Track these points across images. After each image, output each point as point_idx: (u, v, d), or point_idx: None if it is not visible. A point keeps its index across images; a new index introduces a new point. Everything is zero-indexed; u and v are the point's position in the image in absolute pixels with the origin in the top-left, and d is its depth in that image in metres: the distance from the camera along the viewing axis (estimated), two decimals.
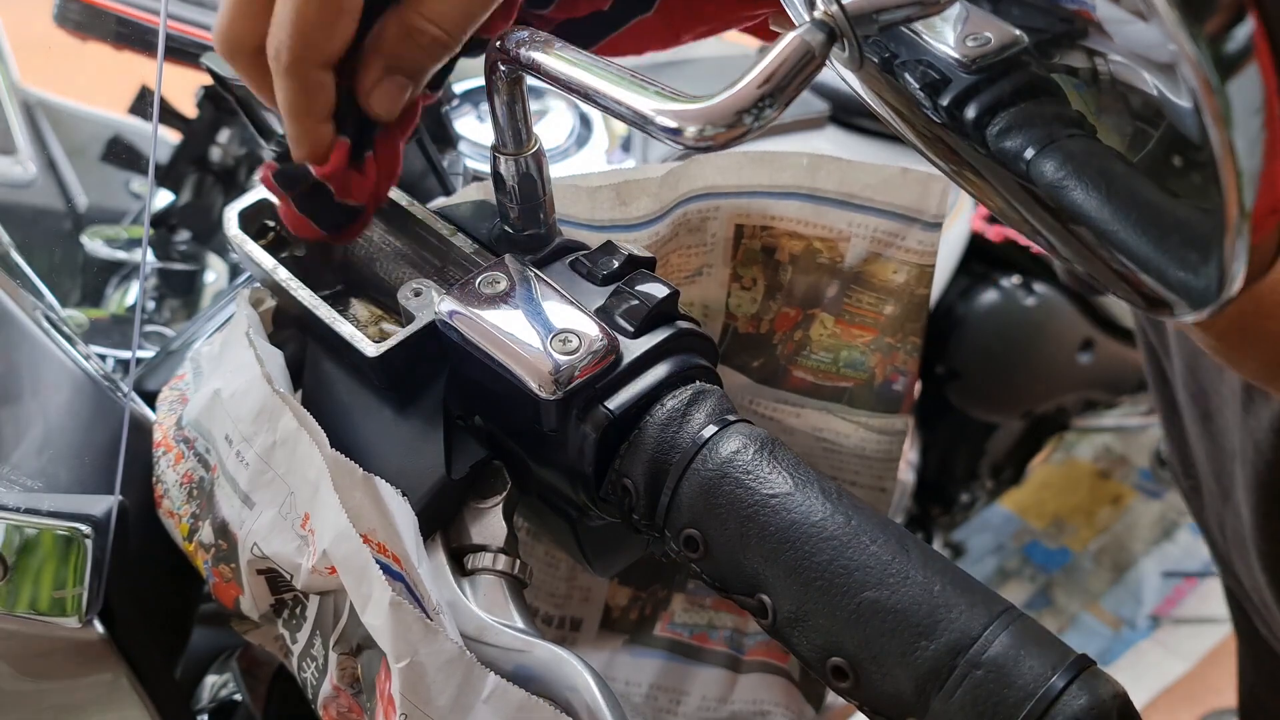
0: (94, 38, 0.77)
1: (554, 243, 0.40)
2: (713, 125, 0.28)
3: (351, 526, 0.32)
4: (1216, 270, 0.23)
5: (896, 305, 0.50)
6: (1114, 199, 0.27)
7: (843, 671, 0.30)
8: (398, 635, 0.31)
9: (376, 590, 0.31)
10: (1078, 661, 0.27)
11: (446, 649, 0.31)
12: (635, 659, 0.57)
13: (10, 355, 0.46)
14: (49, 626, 0.41)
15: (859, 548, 0.30)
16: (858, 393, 0.51)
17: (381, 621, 0.31)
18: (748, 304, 0.51)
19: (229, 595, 0.40)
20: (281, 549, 0.36)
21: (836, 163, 0.48)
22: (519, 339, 0.35)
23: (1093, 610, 1.79)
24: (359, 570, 0.32)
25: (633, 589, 0.57)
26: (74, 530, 0.40)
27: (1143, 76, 0.24)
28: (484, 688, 0.31)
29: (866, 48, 0.30)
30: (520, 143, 0.38)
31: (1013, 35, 0.27)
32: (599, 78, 0.31)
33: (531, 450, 0.37)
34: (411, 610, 0.31)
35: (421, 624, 0.31)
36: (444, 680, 0.31)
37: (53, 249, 0.84)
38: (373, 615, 0.31)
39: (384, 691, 0.32)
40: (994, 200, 0.31)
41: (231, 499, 0.39)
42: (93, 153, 0.94)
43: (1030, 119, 0.29)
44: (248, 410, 0.38)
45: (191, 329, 0.60)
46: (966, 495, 1.54)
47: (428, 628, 0.31)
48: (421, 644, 0.31)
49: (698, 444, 0.33)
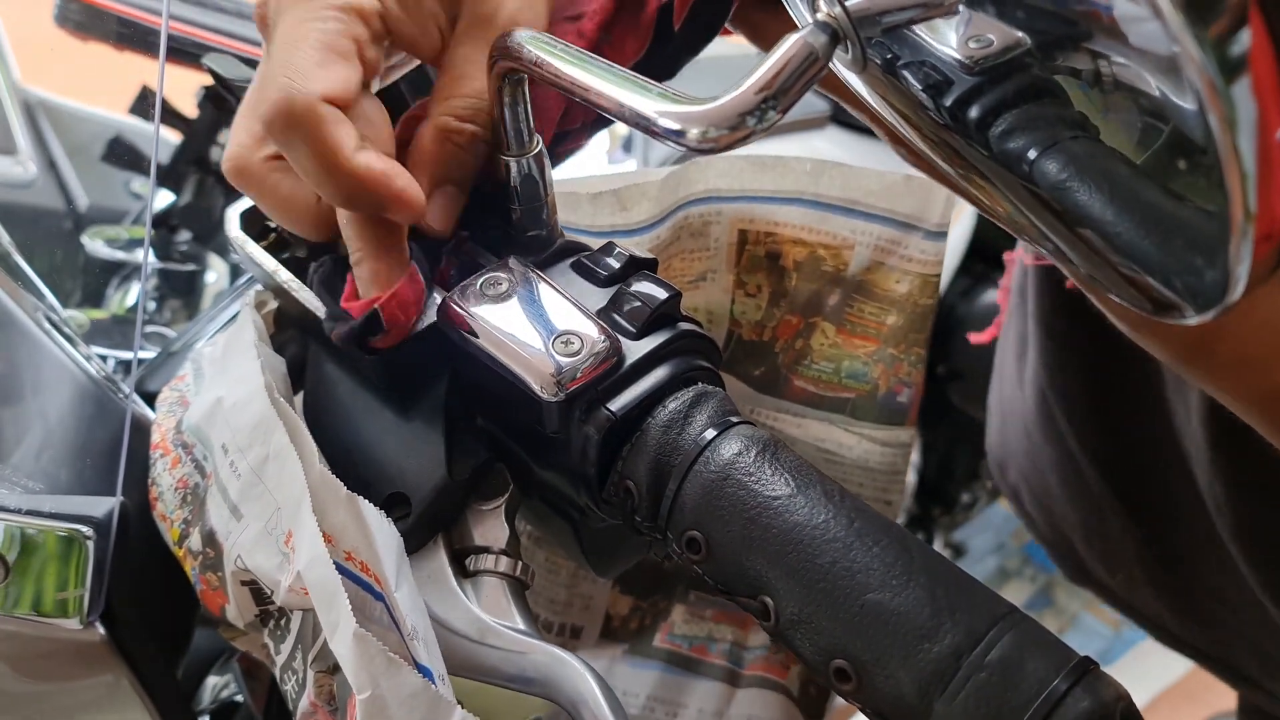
0: (95, 38, 0.77)
1: (556, 244, 0.40)
2: (715, 127, 0.28)
3: (325, 551, 0.32)
4: (1221, 273, 0.23)
5: (899, 316, 0.49)
6: (1117, 201, 0.27)
7: (845, 674, 0.30)
8: (360, 667, 0.31)
9: (343, 620, 0.31)
10: (1081, 664, 0.27)
11: (410, 682, 0.31)
12: (634, 669, 0.57)
13: (11, 356, 0.46)
14: (50, 628, 0.40)
15: (862, 550, 0.30)
16: (861, 404, 0.51)
17: (346, 651, 0.31)
18: (753, 311, 0.50)
19: (215, 603, 0.40)
20: (264, 564, 0.36)
21: (839, 168, 0.48)
22: (521, 340, 0.35)
23: (1093, 610, 1.79)
24: (329, 597, 0.32)
25: (634, 598, 0.57)
26: (75, 531, 0.40)
27: (1146, 79, 0.24)
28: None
29: (869, 49, 0.30)
30: (522, 144, 0.38)
31: (1015, 37, 0.27)
32: (601, 79, 0.31)
33: (533, 452, 0.37)
34: (375, 643, 0.30)
35: (384, 656, 0.30)
36: (406, 714, 0.31)
37: (53, 249, 0.85)
38: (338, 644, 0.31)
39: (352, 717, 0.32)
40: (997, 203, 0.31)
41: (221, 508, 0.39)
42: (93, 153, 0.95)
43: (1033, 120, 0.29)
44: (247, 421, 0.38)
45: (193, 330, 0.60)
46: (967, 495, 1.54)
47: (390, 661, 0.31)
48: (383, 677, 0.31)
49: (700, 446, 0.33)
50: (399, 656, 0.31)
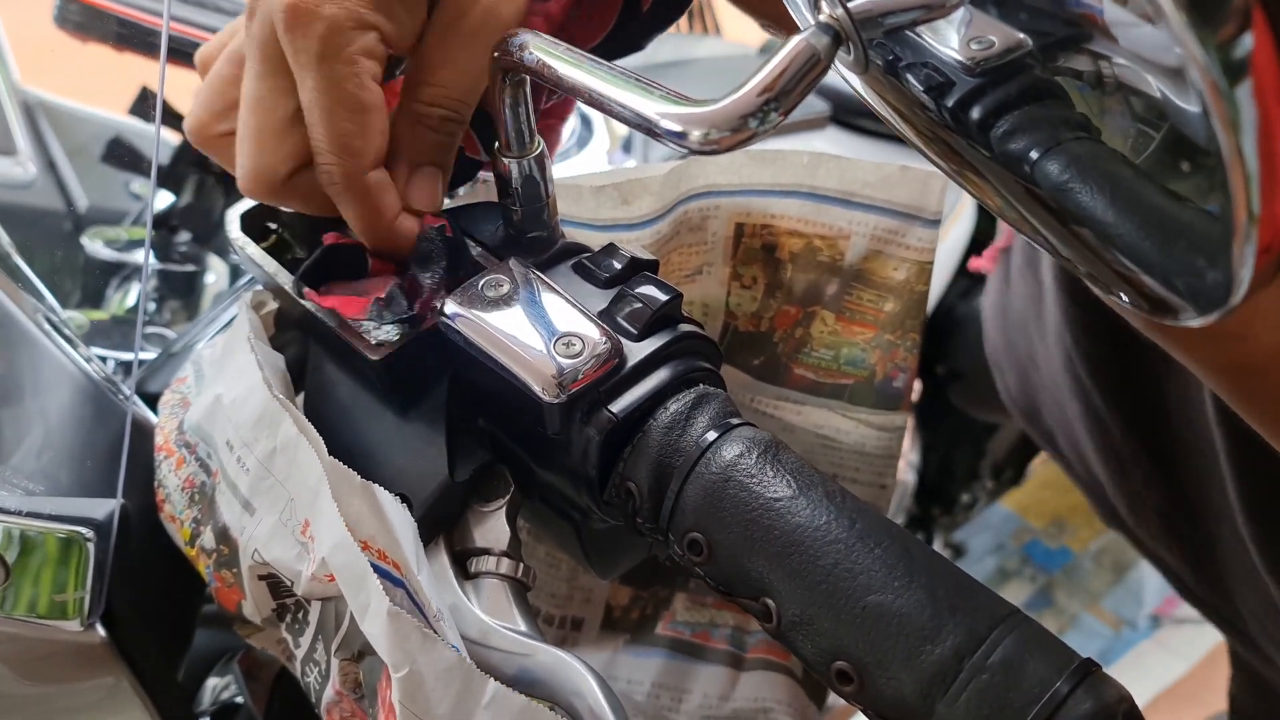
0: (94, 39, 0.77)
1: (557, 245, 0.40)
2: (717, 129, 0.28)
3: (349, 535, 0.32)
4: (1224, 275, 0.23)
5: (896, 302, 0.50)
6: (1119, 202, 0.27)
7: (847, 675, 0.30)
8: (395, 644, 0.31)
9: (374, 599, 0.31)
10: (1083, 666, 0.27)
11: (445, 657, 0.31)
12: (637, 658, 0.57)
13: (11, 357, 0.46)
14: (50, 630, 0.40)
15: (863, 551, 0.30)
16: (858, 390, 0.51)
17: (379, 630, 0.31)
18: (748, 302, 0.51)
19: (231, 600, 0.40)
20: (282, 555, 0.36)
21: (836, 161, 0.48)
22: (522, 342, 0.35)
23: (1093, 611, 1.79)
24: (357, 579, 0.32)
25: (634, 589, 0.57)
26: (75, 533, 0.40)
27: (1148, 80, 0.24)
28: (484, 694, 0.31)
29: (871, 51, 0.30)
30: (523, 145, 0.38)
31: (1017, 38, 0.27)
32: (602, 81, 0.31)
33: (535, 453, 0.37)
34: (409, 619, 0.31)
35: (419, 633, 0.31)
36: (443, 688, 0.31)
37: (53, 250, 0.84)
38: (371, 624, 0.31)
39: (385, 699, 0.32)
40: (998, 202, 0.31)
41: (232, 504, 0.39)
42: (93, 154, 0.94)
43: (1035, 122, 0.29)
44: (248, 416, 0.38)
45: (193, 331, 0.60)
46: (967, 495, 1.54)
47: (425, 636, 0.31)
48: (419, 652, 0.31)
49: (701, 448, 0.33)
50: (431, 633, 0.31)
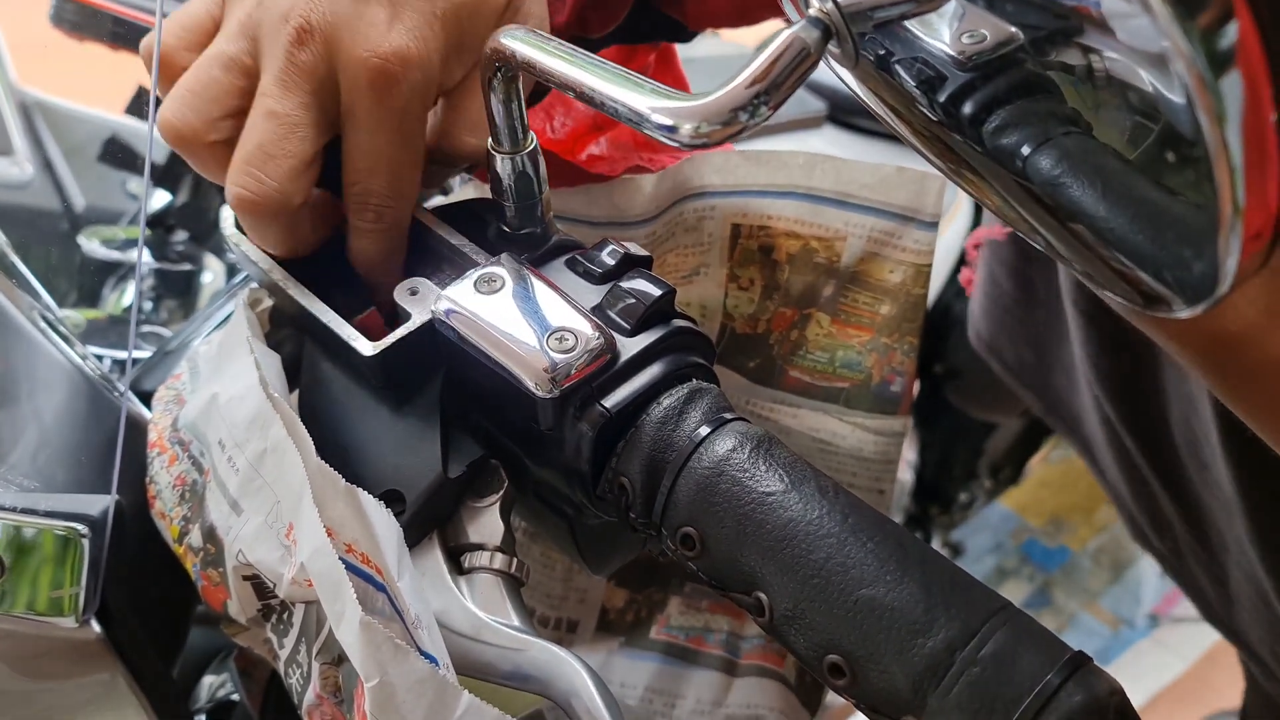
0: (90, 38, 0.77)
1: (551, 241, 0.40)
2: (708, 122, 0.28)
3: (329, 542, 0.32)
4: (1211, 266, 0.23)
5: (893, 305, 0.49)
6: (1110, 195, 0.27)
7: (840, 669, 0.30)
8: (368, 655, 0.31)
9: (349, 608, 0.31)
10: (1074, 658, 0.27)
11: (417, 668, 0.31)
12: (630, 661, 0.57)
13: (7, 355, 0.46)
14: (45, 626, 0.40)
15: (856, 545, 0.30)
16: (854, 393, 0.51)
17: (353, 639, 0.31)
18: (745, 304, 0.51)
19: (217, 599, 0.40)
20: (265, 557, 0.36)
21: (833, 162, 0.48)
22: (516, 338, 0.35)
23: (1091, 609, 1.79)
24: (334, 586, 0.32)
25: (629, 591, 0.57)
26: (71, 530, 0.40)
27: (1138, 73, 0.24)
28: (457, 707, 0.31)
29: (862, 45, 0.30)
30: (516, 141, 0.38)
31: (1008, 32, 0.27)
32: (595, 76, 0.31)
33: (528, 449, 0.37)
34: (381, 630, 0.31)
35: (391, 644, 0.31)
36: (414, 700, 0.31)
37: (50, 249, 0.85)
38: (345, 632, 0.31)
39: (359, 706, 0.32)
40: (990, 198, 0.31)
41: (220, 504, 0.39)
42: (90, 153, 0.94)
43: (1026, 116, 0.29)
44: (243, 416, 0.38)
45: (189, 329, 0.60)
46: (965, 494, 1.54)
47: (398, 648, 0.31)
48: (391, 664, 0.31)
49: (694, 442, 0.33)
50: (405, 644, 0.31)
